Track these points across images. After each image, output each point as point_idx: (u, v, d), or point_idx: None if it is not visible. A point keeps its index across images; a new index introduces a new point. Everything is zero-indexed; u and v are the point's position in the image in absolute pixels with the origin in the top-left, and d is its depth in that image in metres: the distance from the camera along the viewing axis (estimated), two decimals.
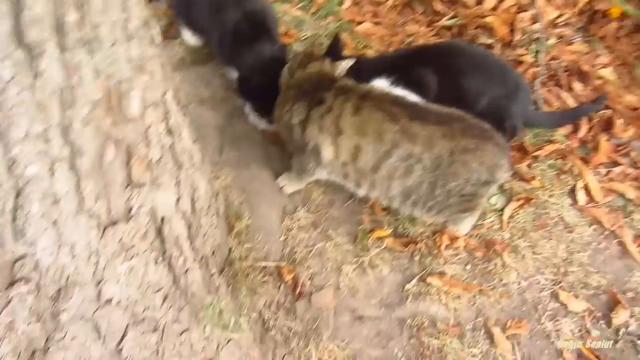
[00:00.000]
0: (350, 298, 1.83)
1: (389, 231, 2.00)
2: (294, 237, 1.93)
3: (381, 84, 2.03)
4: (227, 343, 1.43)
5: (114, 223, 1.11)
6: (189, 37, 2.47)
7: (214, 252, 1.59)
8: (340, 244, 1.95)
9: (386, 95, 1.77)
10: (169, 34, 2.56)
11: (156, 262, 1.23)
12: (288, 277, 1.82)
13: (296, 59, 1.91)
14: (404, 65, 2.11)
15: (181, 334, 1.34)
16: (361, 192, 1.87)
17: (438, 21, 2.78)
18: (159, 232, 1.23)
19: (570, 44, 2.71)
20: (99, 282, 1.11)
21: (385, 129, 1.68)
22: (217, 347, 1.43)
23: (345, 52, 2.33)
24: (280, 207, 2.00)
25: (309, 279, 1.84)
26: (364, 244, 1.95)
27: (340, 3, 2.90)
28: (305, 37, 2.69)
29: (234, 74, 2.17)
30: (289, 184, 2.02)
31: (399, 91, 1.99)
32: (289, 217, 1.98)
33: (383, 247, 1.96)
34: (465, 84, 2.08)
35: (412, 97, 2.00)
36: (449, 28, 2.76)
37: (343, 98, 1.75)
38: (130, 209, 1.14)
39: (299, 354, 1.66)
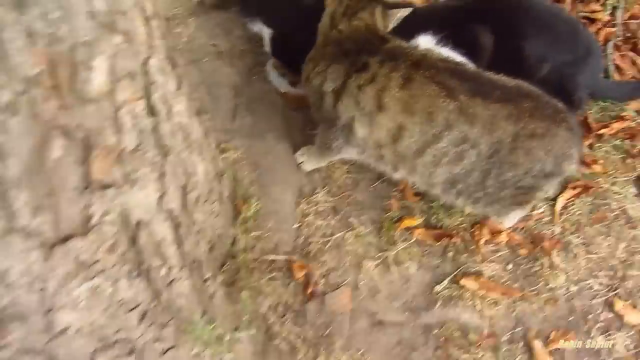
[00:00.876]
0: (369, 300, 1.56)
1: (420, 220, 1.69)
2: (309, 225, 1.64)
3: (426, 41, 1.66)
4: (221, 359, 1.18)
5: (64, 239, 0.83)
6: None
7: (212, 247, 1.32)
8: (363, 234, 1.66)
9: (444, 63, 1.41)
10: None
11: (129, 277, 0.96)
12: (299, 274, 1.54)
13: (342, 2, 1.52)
14: (456, 19, 1.73)
15: (165, 353, 1.09)
16: (397, 176, 1.55)
17: None
18: (133, 240, 0.96)
19: None
20: (49, 311, 0.85)
21: (438, 106, 1.35)
22: None
23: None
24: (297, 188, 1.70)
25: (324, 276, 1.56)
26: (389, 236, 1.65)
27: None
28: None
29: (256, 27, 1.81)
30: (309, 160, 1.71)
31: (446, 51, 1.64)
32: (306, 200, 1.69)
33: (412, 240, 1.65)
34: (526, 48, 1.69)
35: (461, 59, 1.65)
36: None
37: (391, 66, 1.40)
38: (90, 218, 0.86)
39: None
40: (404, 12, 1.51)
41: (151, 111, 0.96)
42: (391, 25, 1.52)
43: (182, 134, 1.12)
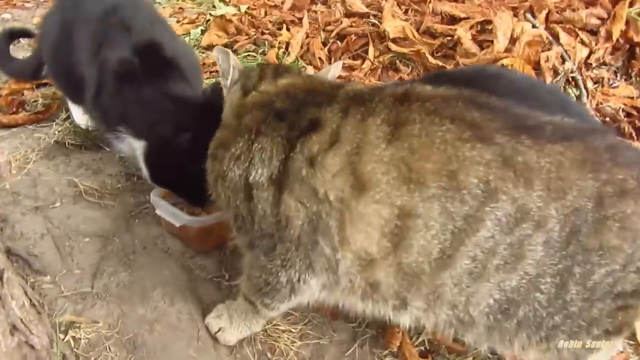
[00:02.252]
0: None
1: None
2: None
3: None
4: None
5: None
6: (79, 116, 1.58)
7: None
8: None
9: (453, 91, 0.86)
10: (46, 115, 1.66)
11: None
12: None
13: (250, 75, 1.00)
14: None
15: None
16: (407, 321, 0.89)
17: None
18: None
19: (614, 87, 1.95)
20: None
21: (465, 159, 0.77)
22: None
23: None
24: None
25: None
26: None
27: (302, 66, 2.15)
28: None
29: (122, 144, 1.22)
30: (232, 326, 1.00)
31: None
32: None
33: None
34: None
35: None
36: None
37: (362, 112, 0.83)
38: None
39: None
40: (337, 68, 1.02)
41: None
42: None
43: None
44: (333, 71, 1.05)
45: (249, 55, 2.27)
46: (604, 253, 0.75)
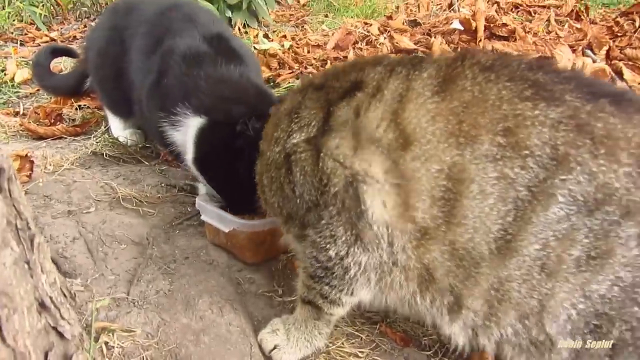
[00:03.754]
0: None
1: None
2: None
3: None
4: None
5: None
6: (119, 129, 1.51)
7: None
8: None
9: (512, 56, 0.74)
10: (85, 129, 1.59)
11: None
12: None
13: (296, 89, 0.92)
14: None
15: None
16: (461, 336, 0.73)
17: None
18: None
19: None
20: None
21: (526, 117, 0.65)
22: None
23: None
24: None
25: None
26: None
27: None
28: None
29: (183, 133, 1.12)
30: (290, 343, 0.86)
31: None
32: None
33: None
34: None
35: None
36: None
37: (408, 69, 0.74)
38: None
39: None
40: None
41: None
42: None
43: None
44: None
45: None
46: None
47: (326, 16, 3.39)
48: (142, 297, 0.89)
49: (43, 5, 3.08)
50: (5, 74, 2.01)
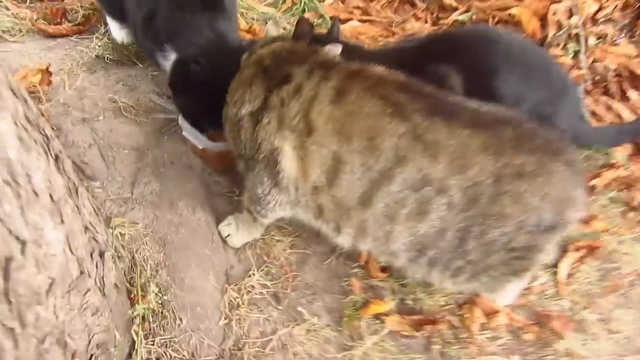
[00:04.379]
0: None
1: (392, 304, 1.31)
2: (242, 320, 1.22)
3: None
4: None
5: None
6: (117, 31, 1.79)
7: None
8: (317, 328, 1.24)
9: (392, 76, 1.10)
10: (86, 26, 1.88)
11: None
12: None
13: (260, 42, 1.26)
14: (415, 60, 1.44)
15: None
16: (345, 242, 1.18)
17: (446, 18, 2.15)
18: None
19: (615, 44, 2.08)
20: None
21: (383, 129, 1.03)
22: None
23: None
24: (222, 271, 1.30)
25: None
26: (353, 328, 1.25)
27: None
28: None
29: (167, 63, 1.46)
30: (238, 232, 1.32)
31: None
32: (236, 286, 1.27)
33: (384, 331, 1.25)
34: (501, 86, 1.43)
35: None
36: (461, 24, 2.12)
37: (320, 75, 1.10)
38: None
39: None
40: (335, 49, 1.22)
41: None
42: None
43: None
44: (329, 51, 1.24)
45: None
46: (499, 218, 1.03)
47: None
48: (141, 197, 1.34)
49: None
50: None
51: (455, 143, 1.00)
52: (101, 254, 0.99)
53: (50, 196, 0.81)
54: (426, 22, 2.16)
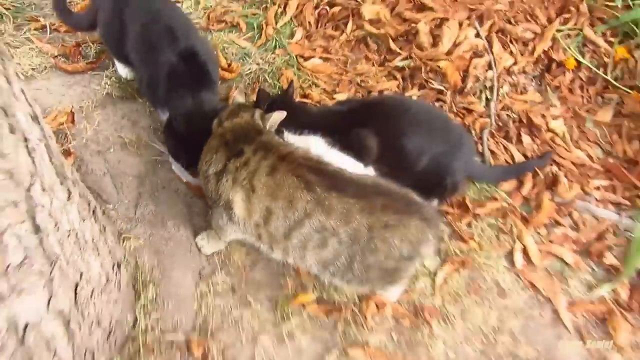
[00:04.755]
0: None
1: (313, 297, 1.93)
2: (208, 305, 1.83)
3: (316, 142, 1.94)
4: None
5: None
6: (122, 70, 2.33)
7: (110, 332, 1.48)
8: (259, 311, 1.87)
9: (307, 160, 1.68)
10: (98, 64, 2.41)
11: None
12: (198, 351, 1.73)
13: (227, 109, 1.81)
14: (344, 123, 2.01)
15: None
16: (277, 257, 1.78)
17: (391, 61, 2.68)
18: (22, 341, 1.11)
19: (524, 92, 2.64)
20: None
21: (297, 196, 1.61)
22: None
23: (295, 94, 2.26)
24: (197, 271, 1.91)
25: (222, 352, 1.74)
26: (284, 311, 1.87)
27: (291, 35, 2.79)
28: (250, 71, 2.58)
29: (164, 117, 2.03)
30: (208, 244, 1.92)
31: (335, 154, 1.94)
32: (205, 282, 1.89)
33: (305, 315, 1.87)
34: (406, 144, 2.00)
35: (349, 160, 1.95)
36: (401, 69, 2.65)
37: (262, 154, 1.68)
38: None
39: None
40: (279, 115, 1.79)
41: (36, 229, 1.13)
42: (269, 125, 1.82)
43: (73, 238, 1.30)
44: (276, 116, 1.81)
45: (252, 10, 2.88)
46: (372, 251, 1.63)
47: None
48: (142, 216, 1.93)
49: None
50: None
51: (343, 207, 1.60)
52: (118, 265, 1.59)
53: (92, 239, 1.40)
54: (373, 65, 2.70)
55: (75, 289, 1.31)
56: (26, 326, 1.12)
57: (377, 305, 1.93)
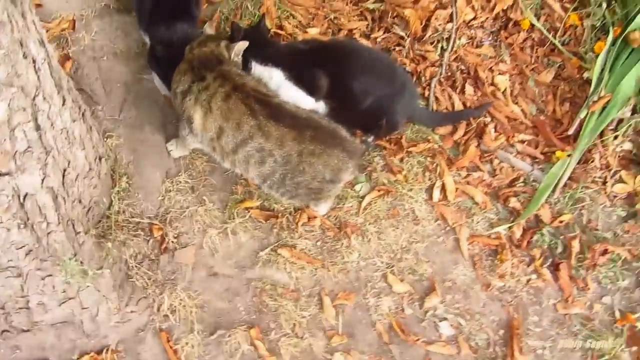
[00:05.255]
0: (209, 257, 2.27)
1: (257, 203, 2.40)
2: (170, 199, 2.32)
3: (276, 76, 2.33)
4: (87, 287, 1.86)
5: None
6: None
7: (88, 209, 1.96)
8: (211, 209, 2.35)
9: (256, 92, 2.08)
10: None
11: (19, 227, 1.59)
12: (157, 234, 2.23)
13: (198, 39, 2.18)
14: (303, 61, 2.32)
15: (44, 278, 1.76)
16: (226, 167, 2.22)
17: (365, 1, 2.94)
18: (22, 205, 1.59)
19: (479, 46, 2.94)
20: None
21: (244, 121, 2.03)
22: (78, 289, 1.85)
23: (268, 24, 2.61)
24: (164, 170, 2.37)
25: (176, 237, 2.25)
26: (232, 212, 2.35)
27: None
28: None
29: (146, 39, 2.40)
30: (176, 149, 2.38)
31: (291, 87, 2.33)
32: (170, 180, 2.36)
33: (248, 217, 2.35)
34: (354, 86, 2.33)
35: (302, 94, 2.34)
36: (371, 11, 2.86)
37: (220, 82, 2.07)
38: None
39: (153, 299, 2.11)
40: (242, 45, 2.17)
41: (37, 127, 1.54)
42: (233, 54, 2.18)
43: (65, 135, 1.75)
44: (240, 46, 2.18)
45: None
46: (301, 172, 2.07)
47: None
48: (125, 120, 2.36)
49: None
50: None
51: (278, 134, 2.03)
52: (100, 158, 2.05)
53: (80, 136, 1.85)
54: (347, 4, 2.98)
55: (64, 173, 1.77)
56: (26, 195, 1.60)
57: (308, 217, 2.40)
